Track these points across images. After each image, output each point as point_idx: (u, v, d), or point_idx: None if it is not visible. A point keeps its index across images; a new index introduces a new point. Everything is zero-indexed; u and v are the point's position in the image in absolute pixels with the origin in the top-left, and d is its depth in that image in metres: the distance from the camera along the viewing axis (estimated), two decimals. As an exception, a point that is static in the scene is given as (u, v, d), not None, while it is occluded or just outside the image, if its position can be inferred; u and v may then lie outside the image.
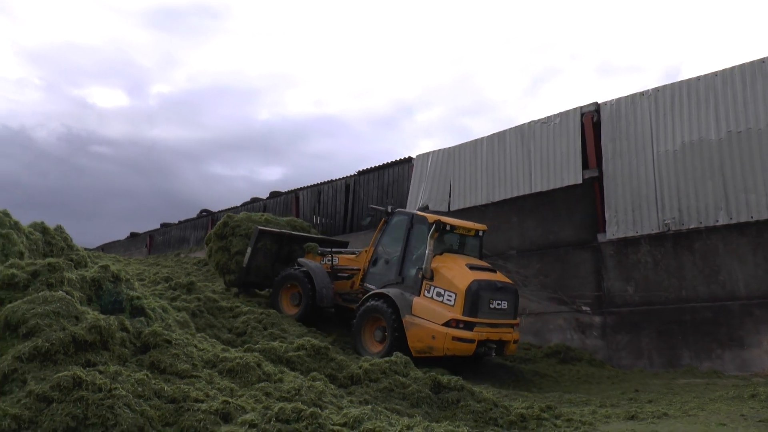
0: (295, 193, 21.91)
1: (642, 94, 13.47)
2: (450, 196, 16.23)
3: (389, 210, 12.60)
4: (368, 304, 11.56)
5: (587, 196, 14.02)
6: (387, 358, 8.31)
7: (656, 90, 13.30)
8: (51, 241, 9.36)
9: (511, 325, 11.19)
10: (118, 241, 33.91)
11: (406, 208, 16.67)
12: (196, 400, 4.94)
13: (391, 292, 11.40)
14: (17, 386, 4.56)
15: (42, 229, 9.52)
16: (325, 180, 20.81)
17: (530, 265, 14.69)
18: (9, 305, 5.59)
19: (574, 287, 13.92)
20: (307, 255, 14.09)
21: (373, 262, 12.41)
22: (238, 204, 25.27)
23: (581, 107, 14.30)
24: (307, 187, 21.41)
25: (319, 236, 15.88)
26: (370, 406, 5.66)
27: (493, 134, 15.69)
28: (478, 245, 12.26)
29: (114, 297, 6.86)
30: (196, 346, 6.62)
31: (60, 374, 4.45)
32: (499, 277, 11.41)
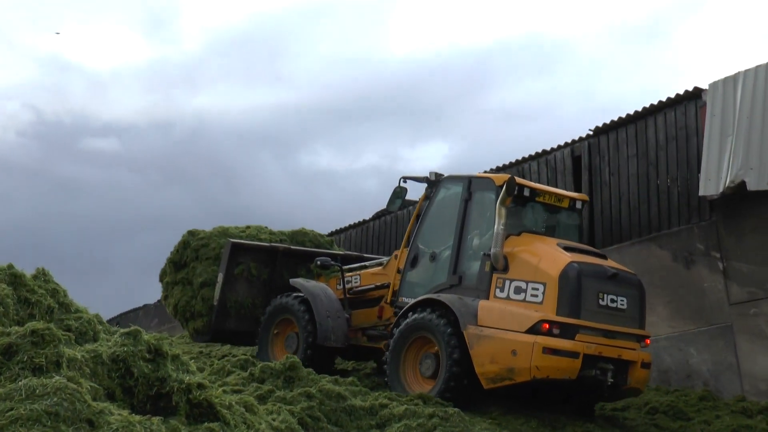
0: (480, 181, 21.94)
1: None
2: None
3: (432, 178, 14.79)
4: (409, 319, 13.57)
5: None
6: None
7: None
8: (29, 297, 9.71)
9: (637, 338, 13.26)
10: (146, 306, 35.33)
11: (700, 186, 16.40)
12: None
13: (443, 296, 13.42)
14: None
15: (11, 277, 9.90)
16: (533, 153, 20.85)
17: None
18: (-34, 407, 5.81)
19: None
20: (319, 280, 16.40)
21: (411, 262, 14.61)
22: (367, 217, 25.86)
23: None
24: (497, 170, 21.44)
25: (340, 252, 18.20)
26: None
27: None
28: (576, 224, 14.73)
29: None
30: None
31: None
32: (611, 263, 13.56)
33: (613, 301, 12.75)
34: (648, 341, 13.45)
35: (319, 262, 16.13)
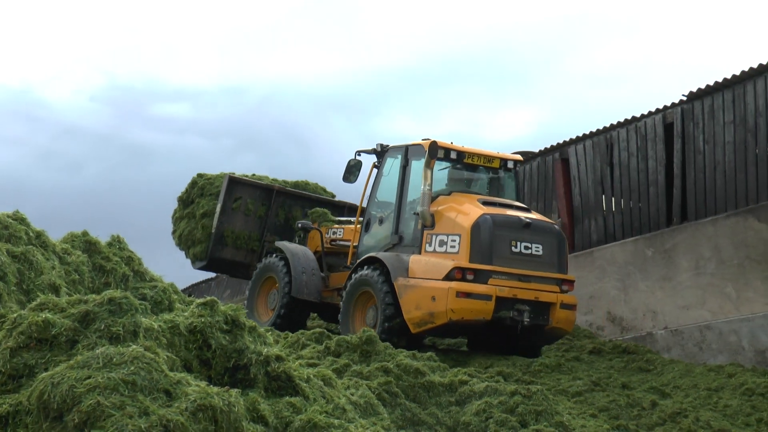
0: (560, 150, 22.04)
1: None
2: None
3: (379, 149, 17.36)
4: (354, 276, 16.03)
5: None
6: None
7: None
8: (104, 265, 9.95)
9: (557, 281, 15.47)
10: (219, 277, 35.58)
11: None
12: None
13: (381, 254, 15.91)
14: None
15: (86, 244, 10.13)
16: (622, 120, 20.70)
17: None
18: (44, 375, 5.90)
19: None
20: (310, 235, 18.61)
21: (365, 226, 17.16)
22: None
23: None
24: (584, 137, 21.52)
25: (336, 200, 20.92)
26: None
27: None
28: (512, 185, 17.22)
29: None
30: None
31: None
32: (534, 215, 15.91)
33: (527, 248, 15.13)
34: (572, 285, 15.75)
35: (300, 225, 18.26)
